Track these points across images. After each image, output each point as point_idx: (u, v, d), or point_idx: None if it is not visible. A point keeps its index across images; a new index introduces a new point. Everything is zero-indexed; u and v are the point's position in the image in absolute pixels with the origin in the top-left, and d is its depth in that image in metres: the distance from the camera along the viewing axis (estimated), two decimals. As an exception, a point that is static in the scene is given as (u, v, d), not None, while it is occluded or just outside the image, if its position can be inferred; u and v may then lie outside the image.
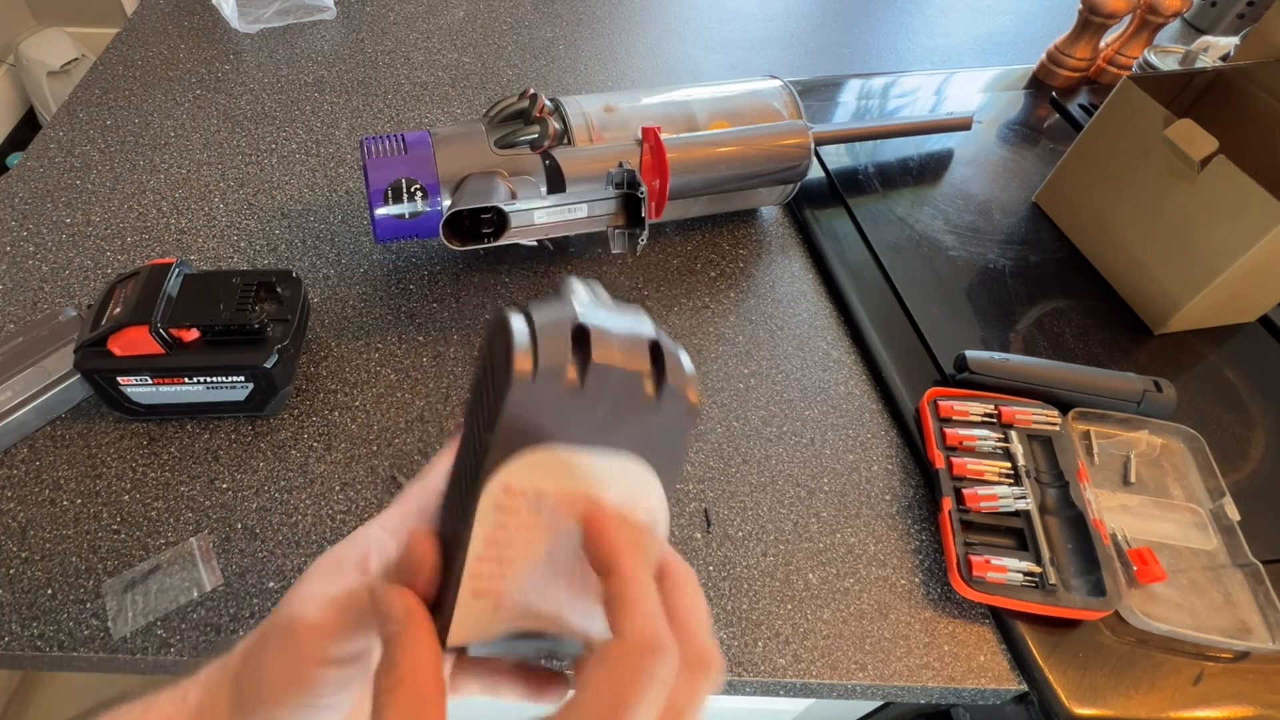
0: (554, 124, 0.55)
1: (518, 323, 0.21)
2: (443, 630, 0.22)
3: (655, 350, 0.22)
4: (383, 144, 0.53)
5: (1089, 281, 0.62)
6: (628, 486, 0.22)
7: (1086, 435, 0.50)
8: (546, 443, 0.21)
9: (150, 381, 0.46)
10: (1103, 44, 0.81)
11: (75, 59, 1.91)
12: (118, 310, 0.45)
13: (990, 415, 0.50)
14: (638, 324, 0.22)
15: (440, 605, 0.22)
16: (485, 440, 0.21)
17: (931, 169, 0.72)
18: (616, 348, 0.21)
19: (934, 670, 0.42)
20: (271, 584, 0.43)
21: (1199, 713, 0.40)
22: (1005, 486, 0.46)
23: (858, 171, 0.71)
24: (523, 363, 0.20)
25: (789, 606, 0.44)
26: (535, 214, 0.51)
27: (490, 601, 0.22)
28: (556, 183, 0.55)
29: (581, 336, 0.21)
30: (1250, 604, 0.43)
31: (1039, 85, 0.82)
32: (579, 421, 0.21)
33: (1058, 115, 0.79)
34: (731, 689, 0.42)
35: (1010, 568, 0.43)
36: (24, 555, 0.43)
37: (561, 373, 0.20)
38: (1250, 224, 0.50)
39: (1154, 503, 0.47)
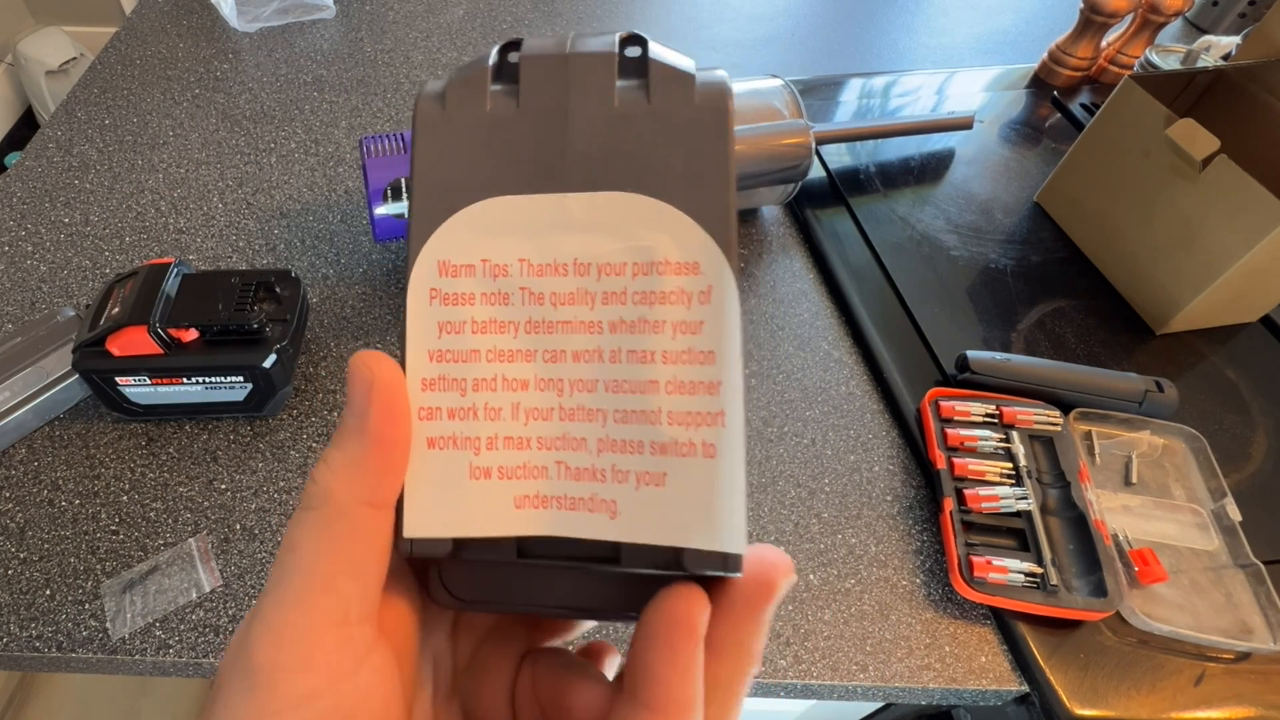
0: (554, 123, 0.54)
1: (434, 80, 0.16)
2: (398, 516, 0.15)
3: (625, 42, 0.15)
4: (382, 143, 0.53)
5: (1090, 281, 0.62)
6: (639, 235, 0.15)
7: (1088, 435, 0.50)
8: (486, 193, 0.15)
9: (149, 382, 0.46)
10: (1104, 43, 0.81)
11: (73, 58, 1.90)
12: (116, 310, 0.45)
13: (991, 415, 0.50)
14: (598, 33, 0.16)
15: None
16: (409, 222, 0.15)
17: (933, 168, 0.72)
18: (555, 44, 0.15)
19: (935, 671, 0.42)
20: (271, 585, 0.43)
21: (1200, 713, 0.40)
22: (1006, 487, 0.46)
23: (859, 171, 0.71)
24: (427, 99, 0.15)
25: (789, 607, 0.44)
26: (535, 213, 0.51)
27: (463, 458, 0.15)
28: (556, 182, 0.54)
29: (508, 48, 0.15)
30: (1252, 604, 0.43)
31: (1040, 84, 0.82)
32: (529, 157, 0.15)
33: (1059, 115, 0.79)
34: (732, 690, 0.42)
35: (1011, 568, 0.43)
36: (22, 556, 0.43)
37: (479, 87, 0.15)
38: (1252, 224, 0.50)
39: (1155, 503, 0.47)
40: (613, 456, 0.15)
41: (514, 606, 0.16)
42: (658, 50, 0.15)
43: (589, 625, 0.20)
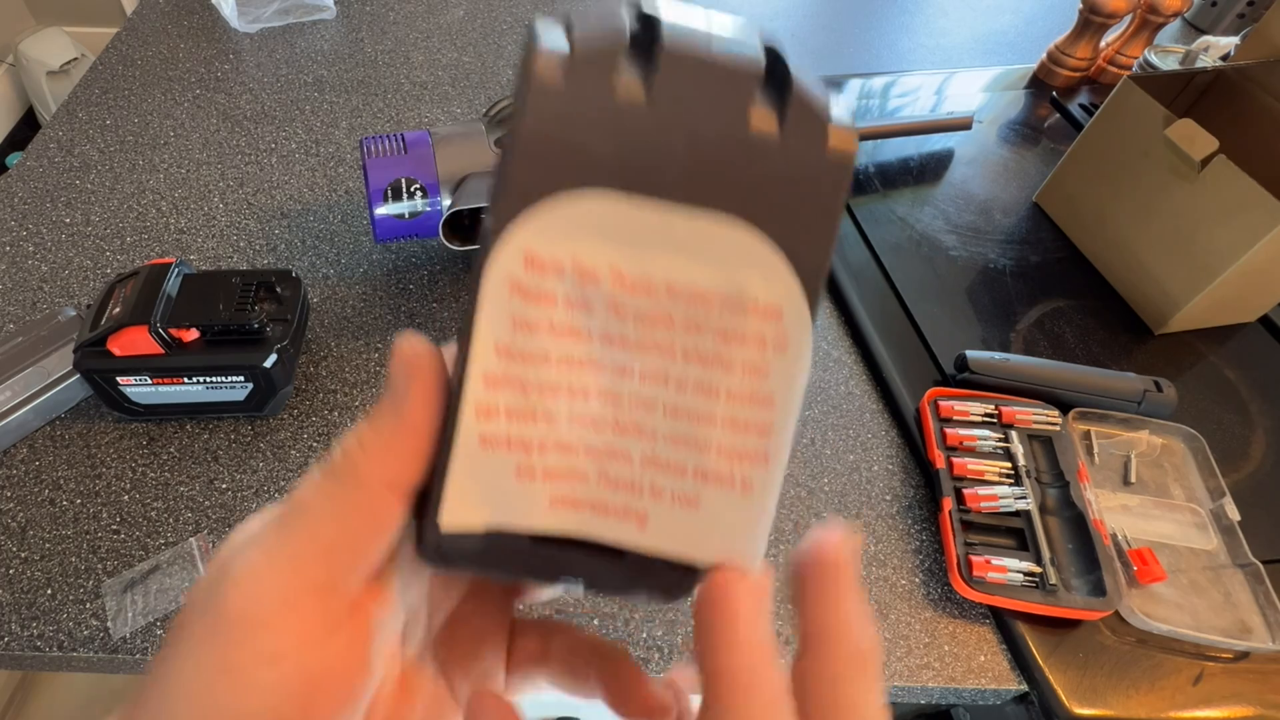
0: (554, 123, 0.54)
1: (547, 22, 0.14)
2: (435, 503, 0.15)
3: (772, 59, 0.14)
4: (382, 143, 0.53)
5: (1089, 281, 0.62)
6: (736, 270, 0.14)
7: (1087, 435, 0.50)
8: (591, 184, 0.14)
9: (150, 381, 0.46)
10: (1103, 44, 0.81)
11: (75, 59, 1.90)
12: (117, 310, 0.45)
13: (990, 415, 0.50)
14: (744, 29, 0.14)
15: (434, 479, 0.15)
16: (496, 191, 0.14)
17: (932, 169, 0.72)
18: (704, 38, 0.14)
19: (934, 670, 0.42)
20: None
21: (1199, 713, 0.40)
22: (1005, 486, 0.46)
23: (858, 171, 0.71)
24: (547, 58, 0.13)
25: (790, 607, 0.44)
26: (535, 213, 0.51)
27: (513, 459, 0.15)
28: (556, 182, 0.54)
29: (647, 23, 0.14)
30: (1250, 604, 0.43)
31: (1039, 85, 0.82)
32: (644, 156, 0.14)
33: (1058, 115, 0.79)
34: (732, 689, 0.42)
35: (1010, 568, 0.43)
36: (23, 555, 0.43)
37: (609, 65, 0.13)
38: (1251, 224, 0.50)
39: (1154, 503, 0.47)
40: (655, 474, 0.15)
41: (506, 575, 0.16)
42: (799, 74, 0.14)
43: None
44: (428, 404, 0.15)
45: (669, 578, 0.16)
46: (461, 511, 0.15)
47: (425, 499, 0.15)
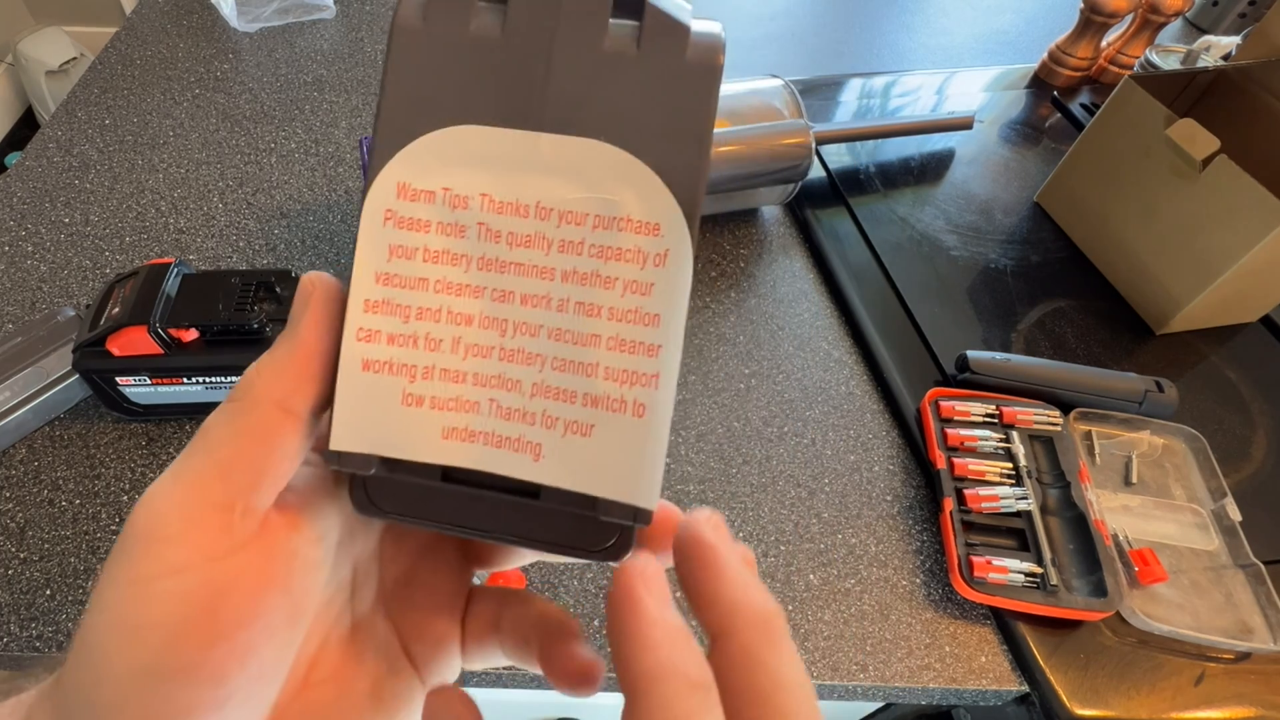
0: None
1: None
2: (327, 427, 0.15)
3: None
4: (382, 143, 0.53)
5: (1090, 281, 0.62)
6: (607, 187, 0.15)
7: (1088, 435, 0.50)
8: (457, 119, 0.14)
9: (149, 382, 0.46)
10: (1104, 43, 0.81)
11: (74, 58, 1.90)
12: (116, 310, 0.45)
13: (991, 415, 0.50)
14: None
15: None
16: (373, 135, 0.15)
17: (933, 168, 0.72)
18: None
19: (935, 671, 0.42)
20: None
21: (1200, 713, 0.40)
22: (1006, 487, 0.46)
23: (859, 171, 0.71)
24: (408, 4, 0.14)
25: (790, 607, 0.44)
26: (535, 213, 0.51)
27: (397, 385, 0.15)
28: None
29: None
30: (1252, 604, 0.43)
31: (1040, 85, 0.82)
32: (510, 91, 0.14)
33: (1059, 115, 0.79)
34: (732, 690, 0.42)
35: (1011, 568, 0.43)
36: (22, 556, 0.43)
37: (464, 3, 0.14)
38: (1252, 224, 0.50)
39: (1155, 503, 0.47)
40: (545, 402, 0.15)
41: (433, 524, 0.17)
42: None
43: (526, 558, 0.21)
44: (318, 327, 0.15)
45: (588, 530, 0.16)
46: (352, 432, 0.15)
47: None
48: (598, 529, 0.16)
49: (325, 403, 0.16)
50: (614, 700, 0.14)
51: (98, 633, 0.14)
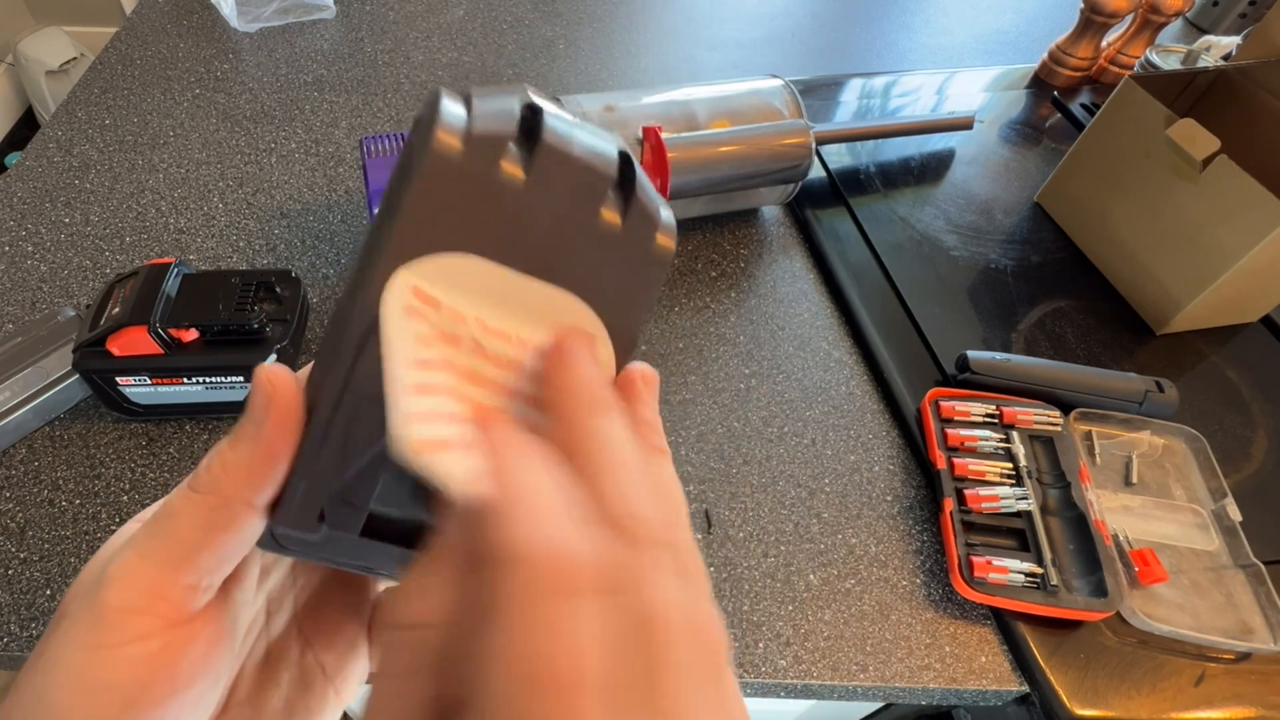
0: (554, 123, 0.54)
1: (451, 96, 0.16)
2: (289, 508, 0.17)
3: (624, 164, 0.17)
4: (382, 143, 0.53)
5: (1091, 281, 0.62)
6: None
7: (1088, 436, 0.50)
8: (467, 251, 0.16)
9: (149, 382, 0.46)
10: (1104, 43, 0.81)
11: (74, 58, 1.90)
12: (116, 310, 0.45)
13: (992, 416, 0.50)
14: (604, 136, 0.17)
15: (294, 480, 0.17)
16: (387, 229, 0.16)
17: (933, 168, 0.72)
18: (576, 140, 0.16)
19: (935, 671, 0.42)
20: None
21: (1200, 714, 0.40)
22: (1007, 487, 0.46)
23: (859, 171, 0.71)
24: (448, 132, 0.15)
25: (790, 608, 0.44)
26: (535, 214, 0.51)
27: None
28: (557, 182, 0.54)
29: (532, 117, 0.16)
30: (1252, 605, 0.43)
31: (1041, 85, 0.82)
32: (514, 233, 0.16)
33: (1059, 115, 0.79)
34: (732, 690, 0.42)
35: (1012, 569, 0.43)
36: (22, 556, 0.43)
37: (499, 148, 0.16)
38: (1252, 224, 0.50)
39: (1156, 503, 0.47)
40: None
41: (326, 561, 0.19)
42: (641, 180, 0.17)
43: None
44: (284, 431, 0.17)
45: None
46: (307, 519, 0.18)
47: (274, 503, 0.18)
48: None
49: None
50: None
51: (59, 692, 0.16)
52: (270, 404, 0.17)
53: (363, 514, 0.18)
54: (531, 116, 0.16)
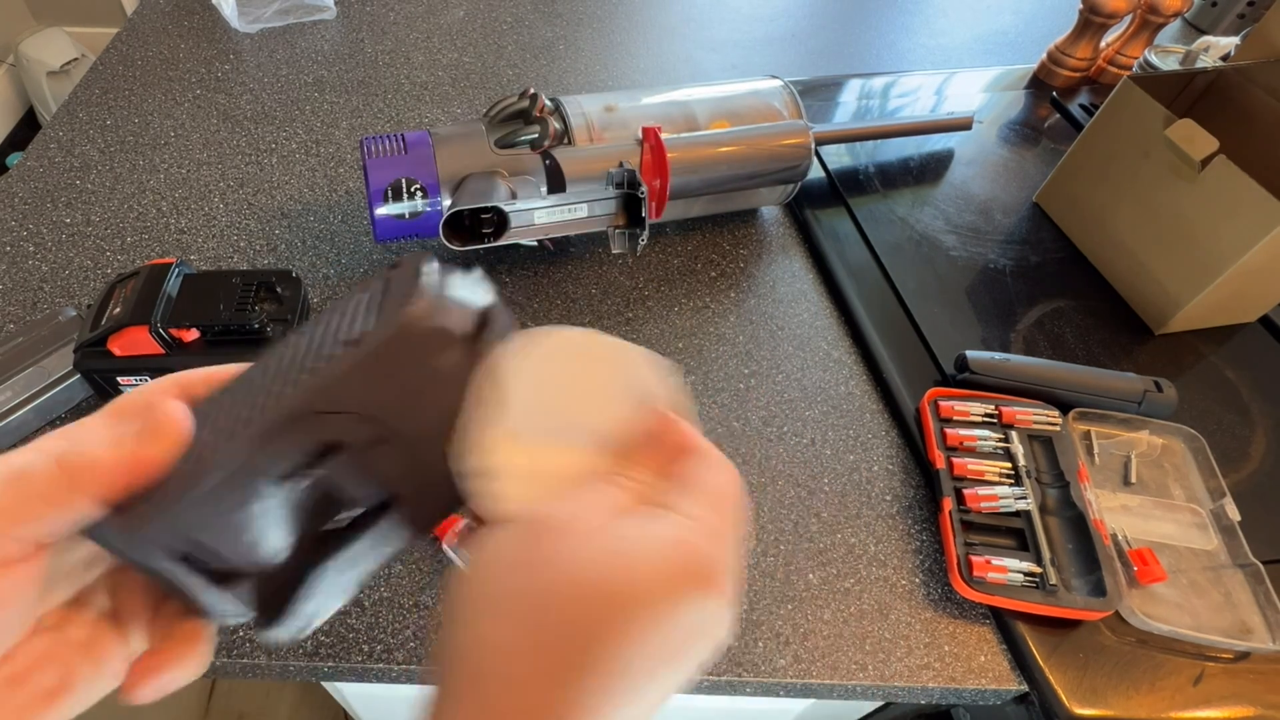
0: (554, 124, 0.55)
1: (435, 273, 0.21)
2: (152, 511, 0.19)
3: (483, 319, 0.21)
4: (383, 144, 0.53)
5: (1090, 281, 0.62)
6: None
7: (1087, 435, 0.50)
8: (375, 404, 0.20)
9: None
10: (1103, 44, 0.81)
11: (75, 59, 1.90)
12: (117, 310, 0.45)
13: (991, 415, 0.50)
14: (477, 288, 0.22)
15: (147, 499, 0.19)
16: (370, 322, 0.20)
17: (932, 169, 0.72)
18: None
19: (934, 671, 0.42)
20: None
21: (1199, 713, 0.40)
22: (1006, 487, 0.46)
23: (858, 171, 0.71)
24: (426, 304, 0.20)
25: (789, 607, 0.44)
26: (535, 214, 0.51)
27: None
28: (557, 183, 0.55)
29: (481, 323, 0.21)
30: (1251, 604, 0.43)
31: (1039, 85, 0.82)
32: (421, 403, 0.21)
33: (1058, 115, 0.79)
34: (732, 689, 0.42)
35: (1011, 568, 0.43)
36: (24, 555, 0.43)
37: (452, 337, 0.20)
38: (1251, 224, 0.50)
39: (1154, 503, 0.47)
40: None
41: (148, 573, 0.21)
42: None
43: None
44: (160, 461, 0.19)
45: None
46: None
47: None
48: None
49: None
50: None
51: None
52: (160, 433, 0.19)
53: (192, 546, 0.20)
54: (482, 318, 0.21)
